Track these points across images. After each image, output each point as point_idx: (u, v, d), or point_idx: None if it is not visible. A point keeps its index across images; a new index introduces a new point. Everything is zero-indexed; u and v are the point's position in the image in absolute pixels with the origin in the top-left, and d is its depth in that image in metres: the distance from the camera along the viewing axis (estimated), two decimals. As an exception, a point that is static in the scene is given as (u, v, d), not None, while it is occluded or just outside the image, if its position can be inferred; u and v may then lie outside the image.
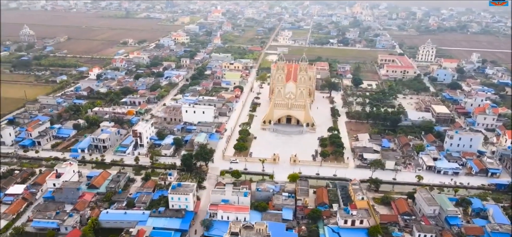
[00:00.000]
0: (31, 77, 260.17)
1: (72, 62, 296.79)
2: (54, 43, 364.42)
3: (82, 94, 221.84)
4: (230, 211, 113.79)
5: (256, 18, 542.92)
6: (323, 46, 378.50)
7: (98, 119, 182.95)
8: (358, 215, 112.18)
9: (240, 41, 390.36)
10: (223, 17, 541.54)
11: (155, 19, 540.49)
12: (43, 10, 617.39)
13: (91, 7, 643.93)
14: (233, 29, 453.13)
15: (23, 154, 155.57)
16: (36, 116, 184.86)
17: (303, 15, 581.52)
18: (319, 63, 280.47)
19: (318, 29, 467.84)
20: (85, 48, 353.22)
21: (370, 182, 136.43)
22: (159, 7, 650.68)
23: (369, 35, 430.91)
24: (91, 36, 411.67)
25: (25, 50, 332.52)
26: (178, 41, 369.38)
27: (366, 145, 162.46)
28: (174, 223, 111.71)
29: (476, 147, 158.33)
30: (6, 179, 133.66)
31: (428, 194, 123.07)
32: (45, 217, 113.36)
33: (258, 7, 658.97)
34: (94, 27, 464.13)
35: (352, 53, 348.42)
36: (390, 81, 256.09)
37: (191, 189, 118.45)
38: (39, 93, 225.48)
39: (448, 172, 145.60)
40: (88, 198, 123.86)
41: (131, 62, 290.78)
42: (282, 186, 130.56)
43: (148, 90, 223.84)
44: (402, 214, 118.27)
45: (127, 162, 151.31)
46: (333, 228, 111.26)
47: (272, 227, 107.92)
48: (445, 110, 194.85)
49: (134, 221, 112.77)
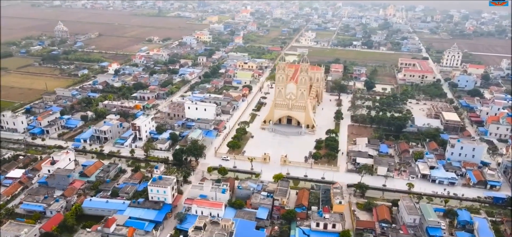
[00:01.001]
0: (56, 70, 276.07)
1: (97, 57, 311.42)
2: (85, 39, 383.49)
3: (97, 88, 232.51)
4: (204, 206, 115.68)
5: (284, 18, 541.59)
6: (346, 48, 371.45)
7: (105, 111, 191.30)
8: (331, 219, 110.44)
9: (262, 41, 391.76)
10: (251, 17, 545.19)
11: (185, 18, 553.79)
12: (83, 8, 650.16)
13: (128, 6, 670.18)
14: (258, 29, 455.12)
15: (31, 141, 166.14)
16: (51, 107, 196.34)
17: (332, 17, 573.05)
18: (333, 65, 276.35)
19: (345, 31, 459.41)
20: (113, 44, 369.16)
21: (356, 187, 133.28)
22: (191, 6, 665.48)
23: (396, 37, 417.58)
24: (120, 33, 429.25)
25: (57, 45, 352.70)
26: (200, 40, 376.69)
27: (362, 149, 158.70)
28: (150, 214, 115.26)
29: (479, 158, 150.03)
30: (9, 164, 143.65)
31: (411, 203, 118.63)
32: (34, 200, 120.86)
33: (288, 8, 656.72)
34: (126, 25, 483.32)
35: (374, 56, 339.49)
36: (406, 86, 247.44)
37: (170, 182, 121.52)
38: (61, 85, 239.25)
39: (443, 182, 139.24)
40: (77, 186, 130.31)
41: (150, 59, 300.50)
42: (264, 185, 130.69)
43: (158, 86, 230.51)
44: (381, 221, 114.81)
45: (123, 154, 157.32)
46: (304, 230, 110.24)
47: (242, 225, 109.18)
48: (455, 117, 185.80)
49: (114, 209, 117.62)
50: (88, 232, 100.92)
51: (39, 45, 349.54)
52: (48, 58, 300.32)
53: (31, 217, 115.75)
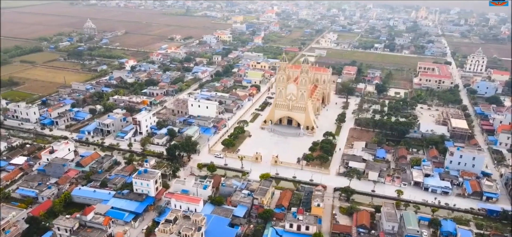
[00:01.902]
0: (78, 66, 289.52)
1: (118, 54, 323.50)
2: (111, 37, 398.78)
3: (112, 83, 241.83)
4: (182, 200, 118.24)
5: (309, 19, 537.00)
6: (366, 50, 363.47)
7: (113, 106, 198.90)
8: (304, 220, 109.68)
9: (282, 42, 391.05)
10: (276, 17, 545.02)
11: (211, 17, 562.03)
12: (117, 7, 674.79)
13: (158, 5, 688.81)
14: (280, 30, 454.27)
15: (40, 131, 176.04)
16: (64, 100, 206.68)
17: (359, 18, 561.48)
18: (346, 67, 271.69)
19: (369, 33, 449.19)
20: (136, 42, 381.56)
21: (341, 191, 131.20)
22: (219, 6, 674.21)
23: (422, 41, 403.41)
24: (146, 31, 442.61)
25: (84, 41, 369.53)
26: (220, 39, 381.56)
27: (357, 153, 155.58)
28: (131, 205, 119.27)
29: (479, 168, 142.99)
30: (14, 151, 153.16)
31: (392, 210, 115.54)
32: (29, 186, 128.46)
33: (316, 9, 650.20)
34: (152, 23, 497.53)
35: (395, 59, 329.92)
36: (421, 91, 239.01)
37: (154, 176, 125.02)
38: (79, 79, 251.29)
39: (436, 191, 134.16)
40: (71, 175, 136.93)
41: (168, 56, 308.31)
42: (248, 184, 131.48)
43: (168, 83, 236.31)
44: (359, 227, 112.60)
45: (122, 147, 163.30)
46: (277, 230, 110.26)
47: (215, 221, 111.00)
48: (463, 125, 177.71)
49: (100, 199, 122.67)
50: (66, 218, 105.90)
51: (68, 41, 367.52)
52: (72, 54, 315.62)
53: (24, 201, 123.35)
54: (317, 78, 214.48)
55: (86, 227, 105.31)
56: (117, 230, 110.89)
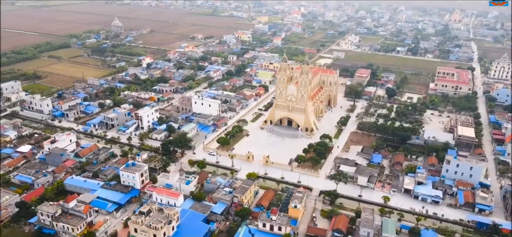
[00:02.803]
0: (99, 62, 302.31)
1: (139, 51, 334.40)
2: (137, 35, 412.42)
3: (126, 79, 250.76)
4: (163, 194, 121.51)
5: (335, 21, 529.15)
6: (387, 53, 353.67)
7: (122, 101, 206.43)
8: (277, 221, 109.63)
9: (302, 43, 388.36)
10: (301, 18, 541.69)
11: (237, 17, 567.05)
12: (148, 7, 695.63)
13: (188, 5, 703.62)
14: (303, 31, 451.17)
15: (50, 122, 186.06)
16: (78, 93, 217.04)
17: (388, 21, 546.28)
18: (359, 70, 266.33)
19: (395, 36, 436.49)
20: (159, 40, 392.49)
21: (325, 194, 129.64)
22: (247, 6, 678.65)
23: (449, 45, 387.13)
24: (170, 30, 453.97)
25: (110, 39, 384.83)
26: (240, 39, 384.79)
27: (350, 157, 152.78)
28: (116, 196, 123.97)
29: (477, 178, 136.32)
30: (22, 139, 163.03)
31: (370, 216, 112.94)
32: (27, 173, 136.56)
33: (344, 11, 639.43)
34: (179, 23, 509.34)
35: (416, 63, 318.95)
36: (435, 96, 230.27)
37: (140, 169, 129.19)
38: (98, 75, 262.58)
39: (427, 199, 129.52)
40: (68, 164, 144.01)
41: (184, 55, 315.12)
42: (232, 182, 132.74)
43: (178, 81, 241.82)
44: (335, 231, 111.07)
45: (122, 140, 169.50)
46: (250, 228, 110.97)
47: (191, 216, 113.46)
48: (470, 133, 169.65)
49: (89, 189, 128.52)
50: (50, 205, 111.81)
51: (95, 38, 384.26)
52: (96, 50, 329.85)
53: (21, 187, 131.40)
54: (324, 80, 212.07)
55: (67, 214, 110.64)
56: (99, 219, 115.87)
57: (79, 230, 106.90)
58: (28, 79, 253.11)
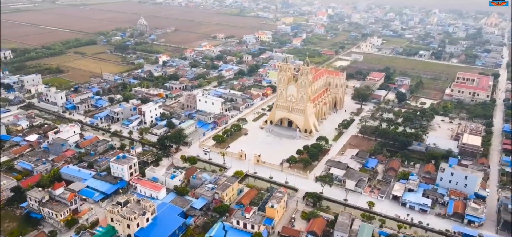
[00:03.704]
0: (120, 58, 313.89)
1: (159, 49, 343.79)
2: (161, 33, 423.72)
3: (140, 75, 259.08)
4: (146, 186, 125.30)
5: (361, 23, 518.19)
6: (409, 57, 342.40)
7: (131, 96, 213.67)
8: (250, 219, 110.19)
9: (323, 45, 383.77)
10: (327, 20, 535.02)
11: (262, 18, 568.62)
12: (179, 6, 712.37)
13: (217, 5, 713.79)
14: (326, 32, 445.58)
15: (61, 114, 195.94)
16: (93, 88, 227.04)
17: (417, 23, 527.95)
18: (373, 73, 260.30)
19: (421, 39, 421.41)
20: (181, 39, 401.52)
21: (308, 196, 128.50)
22: (274, 7, 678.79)
23: (479, 50, 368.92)
24: (194, 29, 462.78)
25: (135, 37, 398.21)
26: (260, 39, 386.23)
27: (343, 160, 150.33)
28: (104, 186, 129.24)
29: (472, 188, 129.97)
30: (31, 129, 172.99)
31: (346, 220, 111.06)
32: (28, 160, 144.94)
33: (373, 12, 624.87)
34: (204, 22, 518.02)
35: (438, 68, 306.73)
36: (449, 102, 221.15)
37: (129, 162, 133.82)
38: (115, 71, 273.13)
39: (414, 207, 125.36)
40: (68, 154, 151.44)
41: (201, 54, 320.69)
42: (217, 179, 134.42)
43: (189, 79, 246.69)
44: (309, 233, 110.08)
45: (124, 134, 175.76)
46: (225, 225, 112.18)
47: (169, 209, 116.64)
48: (475, 141, 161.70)
49: (81, 178, 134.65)
50: (39, 191, 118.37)
51: (121, 36, 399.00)
52: (119, 47, 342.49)
53: (22, 173, 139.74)
54: (330, 81, 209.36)
55: (53, 201, 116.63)
56: (86, 207, 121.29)
57: (63, 216, 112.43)
58: (51, 73, 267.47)
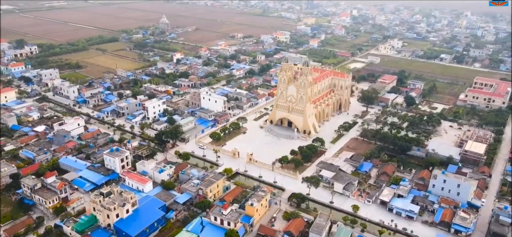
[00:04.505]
0: (137, 55, 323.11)
1: (176, 47, 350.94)
2: (181, 32, 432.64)
3: (153, 72, 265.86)
4: (133, 179, 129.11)
5: (385, 25, 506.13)
6: (429, 60, 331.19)
7: (139, 92, 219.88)
8: (227, 216, 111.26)
9: (341, 46, 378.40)
10: (349, 21, 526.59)
11: (285, 18, 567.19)
12: (204, 6, 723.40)
13: (242, 5, 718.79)
14: (346, 34, 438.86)
15: (72, 107, 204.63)
16: (105, 83, 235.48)
17: (444, 26, 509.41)
18: (385, 75, 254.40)
19: (446, 42, 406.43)
20: (200, 37, 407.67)
21: (292, 196, 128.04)
22: (298, 7, 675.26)
23: (506, 54, 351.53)
24: (215, 28, 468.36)
25: (156, 35, 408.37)
26: (277, 39, 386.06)
27: (335, 162, 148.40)
28: (96, 177, 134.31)
29: (465, 197, 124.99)
30: (40, 120, 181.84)
31: (323, 222, 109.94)
32: (31, 149, 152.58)
33: (399, 14, 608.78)
34: (226, 22, 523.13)
35: (457, 72, 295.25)
36: (463, 108, 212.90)
37: (121, 155, 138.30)
38: (130, 67, 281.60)
39: (401, 213, 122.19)
40: (70, 145, 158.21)
41: (216, 52, 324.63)
42: (205, 175, 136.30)
43: (197, 77, 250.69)
44: (286, 233, 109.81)
45: (126, 128, 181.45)
46: (203, 221, 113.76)
47: (151, 202, 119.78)
48: (479, 149, 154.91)
49: (76, 168, 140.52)
50: (33, 178, 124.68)
51: (143, 34, 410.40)
52: (138, 45, 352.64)
53: (24, 161, 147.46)
54: (335, 83, 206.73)
55: (45, 188, 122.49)
56: (78, 196, 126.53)
57: (51, 203, 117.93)
58: (71, 68, 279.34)
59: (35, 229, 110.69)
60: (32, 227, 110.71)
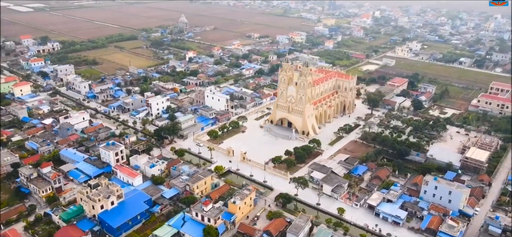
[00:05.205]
0: (151, 53, 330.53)
1: (191, 46, 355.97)
2: (199, 31, 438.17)
3: (164, 70, 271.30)
4: (124, 173, 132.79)
5: (407, 27, 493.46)
6: (447, 64, 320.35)
7: (147, 88, 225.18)
8: (207, 212, 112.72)
9: (357, 48, 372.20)
10: (371, 22, 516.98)
11: (305, 19, 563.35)
12: (227, 5, 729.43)
13: (264, 5, 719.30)
14: (365, 35, 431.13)
15: (81, 102, 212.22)
16: (116, 79, 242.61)
17: (470, 29, 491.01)
18: (395, 78, 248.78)
19: (469, 46, 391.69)
20: (217, 37, 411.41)
21: (278, 197, 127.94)
22: (320, 8, 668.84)
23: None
24: (233, 28, 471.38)
25: (174, 34, 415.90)
26: (293, 40, 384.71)
27: (327, 164, 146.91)
28: (90, 169, 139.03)
29: (456, 204, 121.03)
30: (49, 113, 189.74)
31: (302, 223, 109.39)
32: (35, 141, 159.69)
33: (424, 16, 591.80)
34: (245, 22, 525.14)
35: (475, 76, 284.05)
36: (473, 114, 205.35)
37: (115, 149, 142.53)
38: (143, 64, 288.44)
39: (388, 219, 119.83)
40: (72, 138, 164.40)
41: (229, 52, 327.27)
42: (195, 172, 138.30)
43: (206, 75, 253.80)
44: (265, 232, 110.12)
45: (129, 123, 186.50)
46: (185, 216, 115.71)
47: (137, 195, 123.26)
48: (481, 156, 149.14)
49: (74, 160, 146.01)
50: (30, 168, 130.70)
51: (161, 32, 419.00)
52: (154, 43, 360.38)
53: (28, 151, 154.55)
54: (339, 84, 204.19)
55: (40, 178, 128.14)
56: (69, 187, 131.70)
57: (44, 192, 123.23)
58: (87, 64, 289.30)
59: (27, 216, 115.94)
60: (23, 214, 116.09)
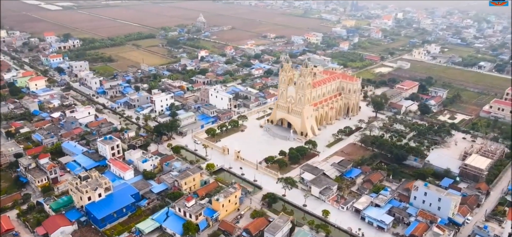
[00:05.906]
0: (166, 51, 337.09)
1: (206, 45, 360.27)
2: (217, 31, 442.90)
3: (175, 68, 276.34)
4: (116, 166, 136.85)
5: (429, 29, 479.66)
6: (466, 68, 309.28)
7: (155, 86, 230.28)
8: (189, 208, 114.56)
9: (374, 50, 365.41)
10: (392, 23, 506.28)
11: (325, 20, 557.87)
12: (248, 5, 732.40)
13: (285, 6, 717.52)
14: (383, 37, 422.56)
15: (91, 97, 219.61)
16: (127, 76, 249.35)
17: (496, 32, 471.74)
18: (405, 81, 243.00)
19: (492, 49, 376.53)
20: (233, 36, 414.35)
21: (264, 196, 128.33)
22: (342, 9, 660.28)
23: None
24: (250, 28, 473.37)
25: (191, 33, 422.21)
26: (308, 40, 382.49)
27: (319, 166, 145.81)
28: (87, 162, 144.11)
29: (446, 212, 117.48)
30: (59, 107, 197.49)
31: (281, 223, 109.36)
32: (41, 133, 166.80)
33: (450, 18, 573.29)
34: (264, 22, 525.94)
35: (492, 81, 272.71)
36: (484, 120, 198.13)
37: (111, 143, 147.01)
38: (156, 62, 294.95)
39: (373, 223, 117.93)
40: (76, 132, 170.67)
41: (242, 52, 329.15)
42: (186, 168, 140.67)
43: (214, 74, 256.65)
44: (244, 230, 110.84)
45: (133, 119, 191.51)
46: (168, 211, 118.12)
47: (125, 189, 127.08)
48: (480, 164, 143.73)
49: (74, 152, 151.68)
50: (29, 159, 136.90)
51: (179, 31, 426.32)
52: (170, 42, 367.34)
53: (34, 143, 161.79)
54: (343, 86, 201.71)
55: (37, 168, 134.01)
56: (64, 178, 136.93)
57: (40, 182, 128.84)
58: (103, 61, 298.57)
59: (21, 204, 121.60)
60: (18, 202, 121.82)
